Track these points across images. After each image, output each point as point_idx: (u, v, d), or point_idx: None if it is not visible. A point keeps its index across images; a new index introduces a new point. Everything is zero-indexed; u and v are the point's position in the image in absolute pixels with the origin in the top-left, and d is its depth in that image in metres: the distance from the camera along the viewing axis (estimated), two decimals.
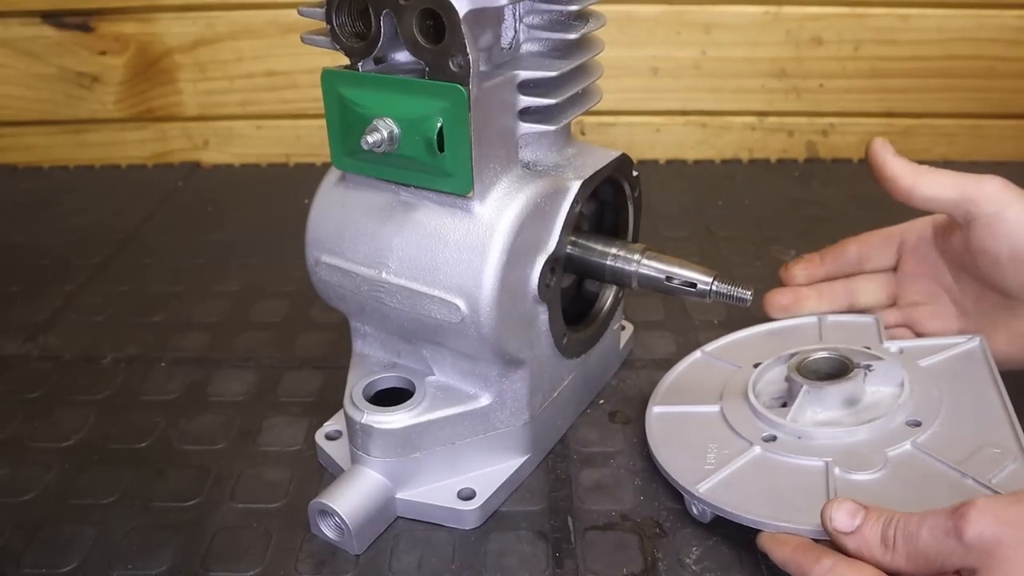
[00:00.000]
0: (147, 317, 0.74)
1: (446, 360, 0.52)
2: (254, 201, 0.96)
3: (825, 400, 0.52)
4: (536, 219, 0.48)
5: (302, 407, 0.62)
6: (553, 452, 0.57)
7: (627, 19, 0.97)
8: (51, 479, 0.56)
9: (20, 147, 1.07)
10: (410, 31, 0.44)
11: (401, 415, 0.50)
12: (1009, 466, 0.47)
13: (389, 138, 0.46)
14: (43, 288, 0.79)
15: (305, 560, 0.49)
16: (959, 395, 0.52)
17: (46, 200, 0.97)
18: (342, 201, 0.51)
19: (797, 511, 0.46)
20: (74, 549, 0.50)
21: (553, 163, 0.52)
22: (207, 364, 0.67)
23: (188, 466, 0.57)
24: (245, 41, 1.01)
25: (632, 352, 0.66)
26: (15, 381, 0.66)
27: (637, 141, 1.02)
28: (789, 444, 0.51)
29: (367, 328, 0.55)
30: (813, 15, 0.96)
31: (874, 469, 0.48)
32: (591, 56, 0.52)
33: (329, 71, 0.48)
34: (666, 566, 0.48)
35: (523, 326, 0.50)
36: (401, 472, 0.51)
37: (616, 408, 0.61)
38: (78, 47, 1.01)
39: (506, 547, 0.50)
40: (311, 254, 0.53)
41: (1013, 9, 0.95)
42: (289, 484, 0.55)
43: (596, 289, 0.60)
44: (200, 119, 1.05)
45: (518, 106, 0.48)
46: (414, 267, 0.48)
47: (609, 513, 0.52)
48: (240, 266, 0.81)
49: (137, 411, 0.62)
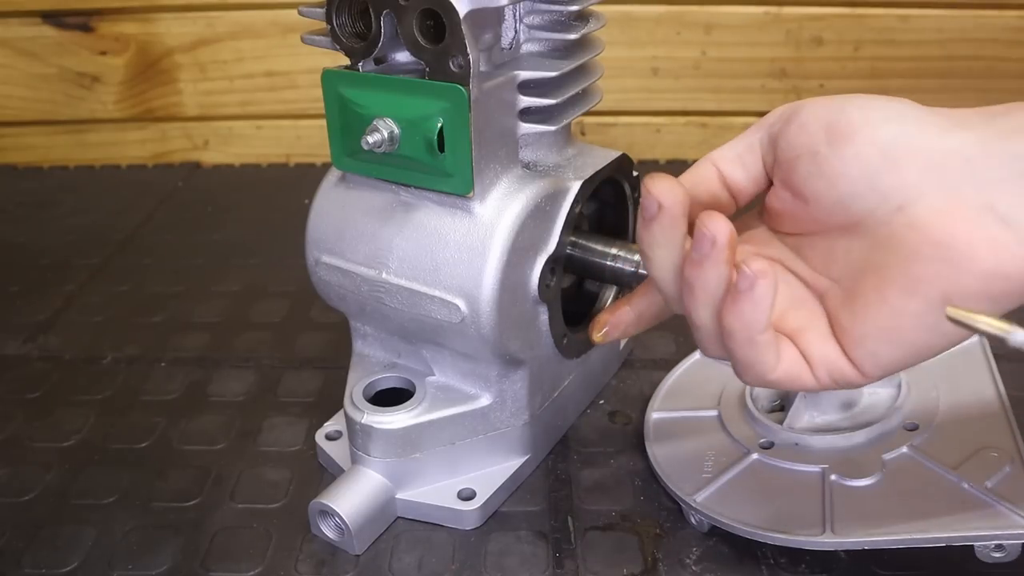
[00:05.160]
0: (147, 317, 0.74)
1: (446, 360, 0.52)
2: (254, 201, 0.96)
3: (821, 403, 0.52)
4: (536, 219, 0.48)
5: (302, 407, 0.62)
6: (553, 452, 0.57)
7: (627, 19, 0.97)
8: (51, 479, 0.56)
9: (20, 147, 1.07)
10: (410, 31, 0.44)
11: (401, 415, 0.50)
12: (1007, 469, 0.47)
13: (389, 138, 0.46)
14: (43, 288, 0.79)
15: (305, 560, 0.49)
16: (957, 395, 0.52)
17: (46, 200, 0.97)
18: (342, 201, 0.52)
19: (794, 521, 0.46)
20: (74, 549, 0.50)
21: (553, 163, 0.52)
22: (207, 364, 0.67)
23: (188, 466, 0.57)
24: (245, 41, 1.01)
25: (632, 352, 0.66)
26: (15, 381, 0.66)
27: (637, 141, 1.02)
28: (786, 451, 0.51)
29: (367, 328, 0.55)
30: (813, 15, 0.96)
31: (870, 476, 0.48)
32: (591, 56, 0.52)
33: (329, 71, 0.48)
34: (666, 566, 0.48)
35: (523, 326, 0.50)
36: (401, 472, 0.51)
37: (616, 408, 0.61)
38: (78, 47, 1.01)
39: (506, 547, 0.50)
40: (311, 254, 0.53)
41: (1013, 9, 0.95)
42: (289, 484, 0.55)
43: (596, 289, 0.60)
44: (200, 119, 1.05)
45: (518, 106, 0.48)
46: (414, 267, 0.49)
47: (609, 513, 0.52)
48: (240, 266, 0.81)
49: (137, 411, 0.62)
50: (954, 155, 0.37)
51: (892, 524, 0.45)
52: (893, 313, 0.38)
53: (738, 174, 0.43)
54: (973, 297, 0.36)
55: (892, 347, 0.38)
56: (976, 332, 0.34)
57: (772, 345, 0.39)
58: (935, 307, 0.36)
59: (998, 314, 0.34)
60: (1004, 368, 0.55)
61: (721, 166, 0.44)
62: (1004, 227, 0.35)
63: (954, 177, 0.37)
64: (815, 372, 0.40)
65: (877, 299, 0.38)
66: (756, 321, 0.38)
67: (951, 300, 0.36)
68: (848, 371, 0.40)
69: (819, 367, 0.40)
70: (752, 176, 0.43)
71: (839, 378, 0.40)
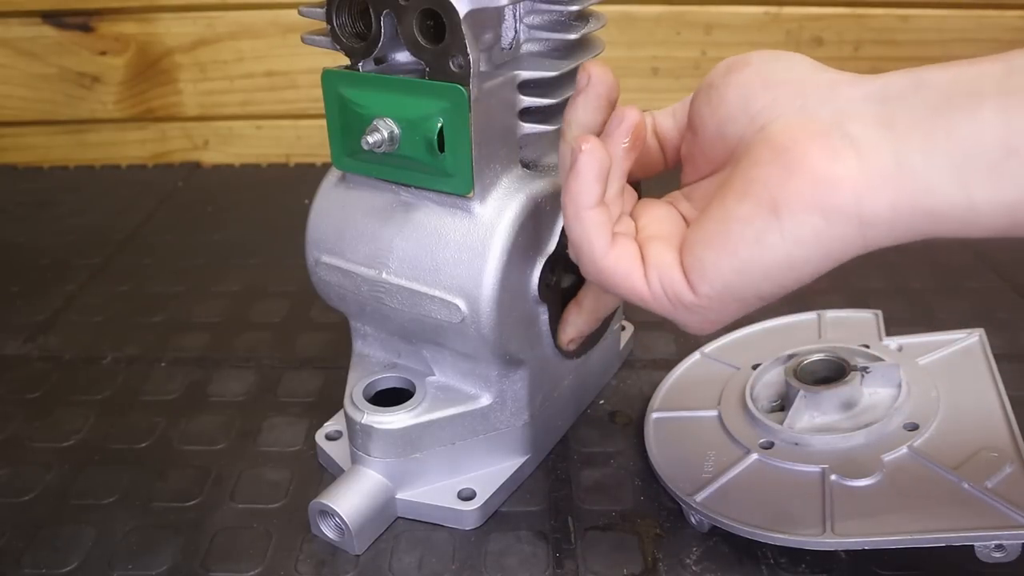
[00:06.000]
0: (147, 317, 0.74)
1: (446, 360, 0.52)
2: (254, 201, 0.96)
3: (822, 404, 0.52)
4: (536, 219, 0.48)
5: (302, 407, 0.62)
6: (553, 452, 0.57)
7: (627, 19, 0.97)
8: (51, 479, 0.56)
9: (20, 147, 1.07)
10: (410, 31, 0.44)
11: (401, 415, 0.50)
12: (1007, 469, 0.47)
13: (389, 138, 0.46)
14: (43, 288, 0.79)
15: (305, 560, 0.49)
16: (958, 394, 0.52)
17: (46, 200, 0.97)
18: (342, 201, 0.52)
19: (793, 521, 0.46)
20: (74, 549, 0.50)
21: (553, 163, 0.52)
22: (207, 364, 0.67)
23: (188, 466, 0.57)
24: (245, 41, 1.01)
25: (632, 352, 0.66)
26: (15, 381, 0.66)
27: None
28: (786, 451, 0.51)
29: (367, 328, 0.55)
30: (813, 15, 0.96)
31: (870, 476, 0.48)
32: (591, 56, 0.52)
33: (329, 71, 0.48)
34: (666, 566, 0.48)
35: (523, 326, 0.50)
36: (401, 472, 0.51)
37: (616, 408, 0.61)
38: (78, 47, 1.01)
39: (506, 547, 0.50)
40: (311, 254, 0.53)
41: (1013, 9, 0.95)
42: (289, 484, 0.55)
43: None
44: (200, 119, 1.05)
45: (518, 106, 0.48)
46: (414, 267, 0.49)
47: (609, 513, 0.52)
48: (240, 266, 0.81)
49: (137, 411, 0.62)
50: (823, 84, 0.38)
51: (892, 524, 0.45)
52: (725, 217, 0.38)
53: (667, 123, 0.46)
54: (803, 206, 0.36)
55: (716, 254, 0.38)
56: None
57: (603, 227, 0.41)
58: (763, 212, 0.36)
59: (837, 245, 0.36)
60: (1004, 368, 0.55)
61: (656, 115, 0.47)
62: (847, 144, 0.35)
63: (815, 101, 0.38)
64: (647, 274, 0.40)
65: (716, 206, 0.39)
66: (580, 194, 0.40)
67: (779, 205, 0.36)
68: (678, 279, 0.40)
69: (652, 269, 0.40)
70: (679, 126, 0.46)
71: (668, 285, 0.40)
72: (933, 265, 0.78)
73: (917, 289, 0.74)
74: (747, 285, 0.38)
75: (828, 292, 0.72)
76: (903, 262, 0.78)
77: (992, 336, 0.58)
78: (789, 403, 0.53)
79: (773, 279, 0.38)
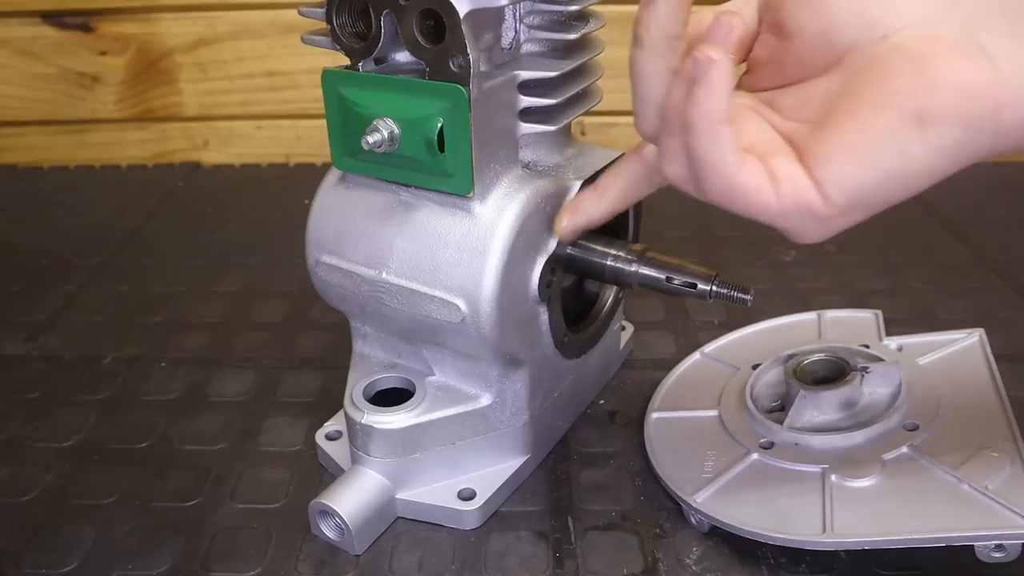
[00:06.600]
0: (147, 317, 0.74)
1: (446, 360, 0.52)
2: (254, 201, 0.96)
3: (822, 404, 0.52)
4: (536, 219, 0.48)
5: (302, 407, 0.62)
6: (553, 452, 0.57)
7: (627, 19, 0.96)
8: (51, 479, 0.56)
9: (20, 147, 1.07)
10: (410, 31, 0.44)
11: (401, 415, 0.50)
12: (1007, 469, 0.47)
13: (389, 138, 0.46)
14: (43, 288, 0.79)
15: (305, 560, 0.49)
16: (957, 394, 0.52)
17: (46, 200, 0.97)
18: (342, 201, 0.52)
19: (793, 521, 0.46)
20: (74, 549, 0.50)
21: (553, 163, 0.52)
22: (207, 364, 0.67)
23: (188, 466, 0.57)
24: (245, 41, 1.01)
25: (632, 352, 0.66)
26: (15, 381, 0.66)
27: (637, 141, 1.02)
28: (786, 451, 0.51)
29: (367, 328, 0.55)
30: None
31: (870, 476, 0.48)
32: (591, 56, 0.52)
33: (329, 71, 0.48)
34: (666, 566, 0.48)
35: (523, 326, 0.50)
36: (401, 472, 0.51)
37: (616, 408, 0.61)
38: (78, 47, 1.01)
39: (506, 547, 0.50)
40: (311, 254, 0.53)
41: None
42: (289, 484, 0.55)
43: (596, 289, 0.60)
44: (200, 119, 1.05)
45: (518, 106, 0.48)
46: (414, 267, 0.49)
47: (609, 513, 0.52)
48: (240, 266, 0.81)
49: (137, 411, 0.62)
50: None
51: (892, 524, 0.45)
52: (863, 128, 0.37)
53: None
54: (945, 117, 0.35)
55: (858, 166, 0.37)
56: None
57: (734, 142, 0.39)
58: (907, 122, 0.36)
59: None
60: (1004, 368, 0.55)
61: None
62: (982, 55, 0.35)
63: (940, 11, 0.37)
64: (779, 187, 0.39)
65: (849, 117, 0.38)
66: (713, 109, 0.38)
67: (924, 116, 0.35)
68: (811, 193, 0.38)
69: (783, 182, 0.39)
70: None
71: (801, 199, 0.39)
72: (933, 265, 0.78)
73: (917, 289, 0.74)
74: (884, 194, 0.38)
75: (828, 292, 0.72)
76: (903, 262, 0.78)
77: (992, 336, 0.58)
78: (789, 403, 0.53)
79: (909, 188, 0.37)
